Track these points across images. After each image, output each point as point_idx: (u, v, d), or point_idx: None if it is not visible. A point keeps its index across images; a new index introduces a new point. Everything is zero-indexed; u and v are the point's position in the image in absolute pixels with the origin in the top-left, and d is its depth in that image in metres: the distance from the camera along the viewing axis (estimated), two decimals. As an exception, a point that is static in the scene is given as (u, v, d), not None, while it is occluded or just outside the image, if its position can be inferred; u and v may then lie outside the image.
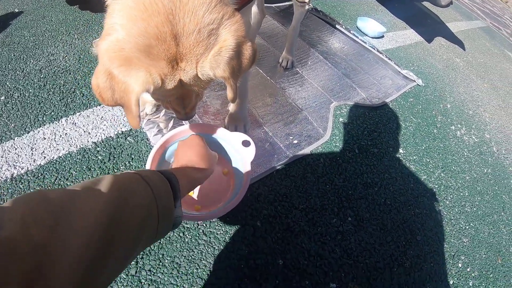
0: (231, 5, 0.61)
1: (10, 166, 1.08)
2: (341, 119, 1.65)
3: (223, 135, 1.05)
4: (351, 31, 2.44)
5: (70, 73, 1.44)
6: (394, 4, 3.46)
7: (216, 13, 0.57)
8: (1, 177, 1.05)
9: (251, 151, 1.01)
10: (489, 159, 1.99)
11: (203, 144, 0.84)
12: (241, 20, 0.61)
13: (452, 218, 1.50)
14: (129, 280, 0.91)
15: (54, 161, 1.11)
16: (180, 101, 0.72)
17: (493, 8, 6.59)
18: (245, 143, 1.02)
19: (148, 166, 0.93)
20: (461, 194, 1.64)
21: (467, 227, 1.51)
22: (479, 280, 1.35)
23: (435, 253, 1.33)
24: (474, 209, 1.62)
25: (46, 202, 0.39)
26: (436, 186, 1.59)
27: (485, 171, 1.88)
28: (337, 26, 2.44)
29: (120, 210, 0.45)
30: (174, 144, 1.02)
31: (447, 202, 1.55)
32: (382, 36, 2.68)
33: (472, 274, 1.36)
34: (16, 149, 1.13)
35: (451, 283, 1.28)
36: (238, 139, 1.03)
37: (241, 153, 1.02)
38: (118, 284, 0.89)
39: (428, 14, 3.84)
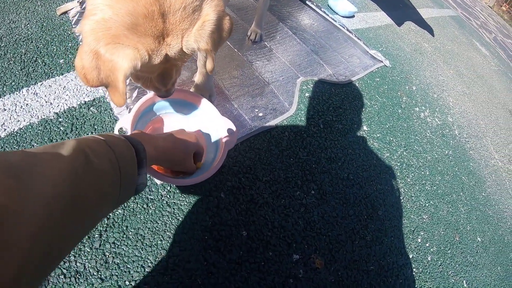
0: None
1: None
2: (307, 94, 1.71)
3: (212, 116, 1.13)
4: (322, 9, 2.51)
5: (32, 42, 1.39)
6: (367, -15, 3.58)
7: None
8: None
9: (232, 139, 1.07)
10: (451, 141, 2.15)
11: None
12: None
13: (412, 195, 1.63)
14: (93, 253, 0.92)
15: (15, 133, 1.09)
16: (161, 77, 0.77)
17: (464, -2, 6.96)
18: (229, 131, 1.08)
19: (130, 117, 0.95)
20: (422, 173, 1.78)
21: (427, 205, 1.64)
22: (437, 255, 1.49)
23: (395, 227, 1.44)
24: (434, 188, 1.76)
25: (6, 164, 0.40)
26: (398, 164, 1.70)
27: (446, 152, 2.04)
28: (308, 3, 2.50)
29: (82, 176, 0.46)
30: (161, 102, 1.08)
31: (408, 180, 1.68)
32: (353, 16, 2.78)
33: (431, 249, 1.49)
34: None
35: (410, 256, 1.40)
36: (224, 124, 1.09)
37: (219, 133, 1.09)
38: (82, 257, 0.90)
39: (400, -2, 4.01)
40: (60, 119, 1.17)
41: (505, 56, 4.90)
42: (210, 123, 1.14)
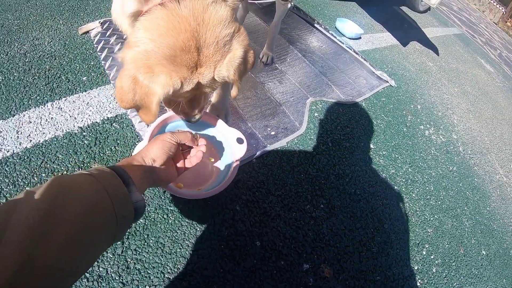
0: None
1: None
2: (316, 114, 1.80)
3: (221, 128, 1.20)
4: (330, 31, 2.61)
5: (55, 58, 1.49)
6: (373, 7, 3.69)
7: (229, 29, 0.73)
8: None
9: (243, 148, 1.15)
10: (455, 158, 2.20)
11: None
12: (245, 32, 0.78)
13: (417, 210, 1.68)
14: (116, 259, 1.00)
15: (40, 145, 1.18)
16: (190, 103, 0.87)
17: (470, 16, 7.03)
18: (239, 140, 1.16)
19: (146, 139, 1.04)
20: (427, 188, 1.83)
21: (432, 219, 1.69)
22: (442, 267, 1.53)
23: (401, 240, 1.49)
24: (439, 202, 1.81)
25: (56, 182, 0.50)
26: (403, 180, 1.76)
27: (451, 168, 2.09)
28: (316, 26, 2.60)
29: (57, 203, 0.49)
30: (175, 122, 1.15)
31: (413, 195, 1.73)
32: (360, 38, 2.88)
33: (436, 262, 1.53)
34: (1, 132, 1.18)
35: (415, 268, 1.45)
36: (233, 135, 1.17)
37: (232, 147, 1.17)
38: (105, 263, 0.98)
39: (406, 18, 4.10)
40: (84, 133, 1.26)
41: (510, 72, 4.92)
42: (221, 136, 1.22)
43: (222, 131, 1.20)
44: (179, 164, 0.92)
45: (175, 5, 0.67)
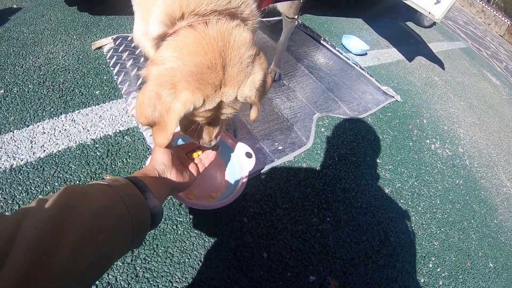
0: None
1: (10, 157, 1.19)
2: (322, 129, 1.84)
3: (229, 142, 1.25)
4: (336, 48, 2.67)
5: (69, 72, 1.56)
6: (379, 23, 3.75)
7: (251, 50, 0.75)
8: (0, 167, 1.15)
9: (251, 162, 1.19)
10: (462, 171, 2.21)
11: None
12: (264, 56, 0.81)
13: (424, 223, 1.69)
14: (125, 267, 1.03)
15: (54, 155, 1.23)
16: (208, 127, 0.86)
17: (475, 30, 7.05)
18: (248, 154, 1.20)
19: None
20: (433, 202, 1.84)
21: (438, 232, 1.70)
22: (448, 280, 1.53)
23: (407, 253, 1.51)
24: (445, 216, 1.81)
25: (68, 191, 0.53)
26: (409, 194, 1.78)
27: (457, 182, 2.09)
28: (323, 42, 2.66)
29: (67, 211, 0.50)
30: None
31: (420, 208, 1.75)
32: (366, 54, 2.93)
33: (442, 274, 1.54)
34: (15, 141, 1.24)
35: (422, 281, 1.46)
36: (242, 149, 1.22)
37: (241, 161, 1.21)
38: (114, 271, 1.02)
39: (411, 34, 4.15)
40: (97, 145, 1.31)
41: (517, 85, 4.92)
42: (230, 150, 1.26)
43: (230, 145, 1.25)
44: (191, 168, 0.96)
45: (203, 27, 0.70)
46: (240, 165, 1.22)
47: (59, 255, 0.45)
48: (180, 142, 1.18)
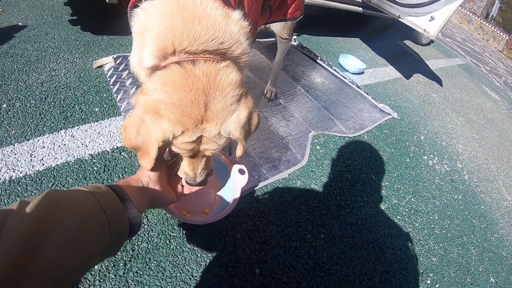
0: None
1: (9, 169, 1.21)
2: (318, 147, 1.85)
3: (223, 160, 1.27)
4: (333, 67, 2.71)
5: (70, 89, 1.60)
6: (376, 42, 3.81)
7: (237, 91, 0.79)
8: (0, 179, 1.18)
9: (244, 179, 1.21)
10: (460, 186, 2.19)
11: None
12: (251, 97, 0.84)
13: (421, 239, 1.67)
14: (117, 280, 1.04)
15: (52, 169, 1.25)
16: (190, 162, 0.88)
17: (473, 46, 7.10)
18: (241, 171, 1.22)
19: None
20: (431, 217, 1.83)
21: (436, 248, 1.68)
22: (448, 296, 1.51)
23: (404, 269, 1.49)
24: (444, 231, 1.79)
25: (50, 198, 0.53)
26: (406, 210, 1.77)
27: (456, 197, 2.08)
28: (320, 62, 2.71)
29: (48, 216, 0.51)
30: None
31: (417, 225, 1.73)
32: (363, 72, 2.97)
33: (441, 291, 1.51)
34: (15, 154, 1.27)
35: (419, 298, 1.43)
36: (235, 166, 1.23)
37: (234, 178, 1.23)
38: (107, 283, 1.02)
39: (409, 52, 4.20)
40: (94, 160, 1.34)
41: (517, 99, 4.91)
42: (223, 167, 1.28)
43: (223, 162, 1.27)
44: (179, 186, 0.98)
45: (191, 66, 0.73)
46: (233, 182, 1.24)
47: (42, 256, 0.46)
48: None
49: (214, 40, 0.77)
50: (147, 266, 1.09)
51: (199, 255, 1.17)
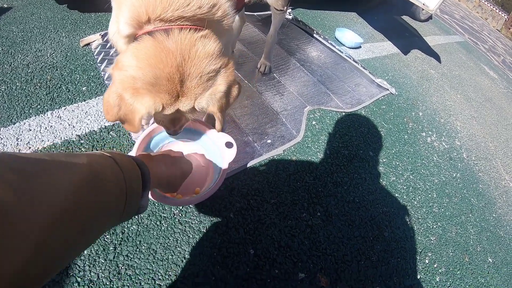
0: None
1: None
2: (314, 123, 1.78)
3: (208, 134, 1.19)
4: (329, 41, 2.62)
5: (57, 69, 1.53)
6: (373, 17, 3.70)
7: (215, 65, 0.77)
8: None
9: (232, 152, 1.14)
10: (459, 164, 2.16)
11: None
12: (232, 67, 0.82)
13: (419, 217, 1.64)
14: (107, 264, 0.99)
15: (39, 152, 1.19)
16: (171, 122, 0.92)
17: (472, 24, 7.01)
18: (228, 144, 1.15)
19: (133, 152, 1.04)
20: (429, 195, 1.79)
21: (435, 227, 1.65)
22: (446, 276, 1.48)
23: (402, 249, 1.45)
24: (442, 210, 1.76)
25: (16, 164, 0.41)
26: (404, 187, 1.73)
27: (454, 175, 2.04)
28: (316, 36, 2.61)
29: (89, 190, 0.48)
30: (161, 133, 1.15)
31: (415, 203, 1.69)
32: (360, 47, 2.88)
33: (439, 270, 1.49)
34: (1, 139, 1.21)
35: (418, 277, 1.40)
36: (222, 140, 1.16)
37: (222, 152, 1.15)
38: (97, 268, 0.97)
39: (407, 27, 4.10)
40: (82, 141, 1.28)
41: (515, 79, 4.87)
42: (210, 142, 1.21)
43: (211, 136, 1.19)
44: None
45: (164, 37, 0.71)
46: (221, 157, 1.17)
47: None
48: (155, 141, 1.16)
49: (190, 5, 0.74)
50: (137, 249, 1.05)
51: (191, 236, 1.13)
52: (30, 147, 1.20)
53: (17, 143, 1.21)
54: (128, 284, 0.97)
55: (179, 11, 0.73)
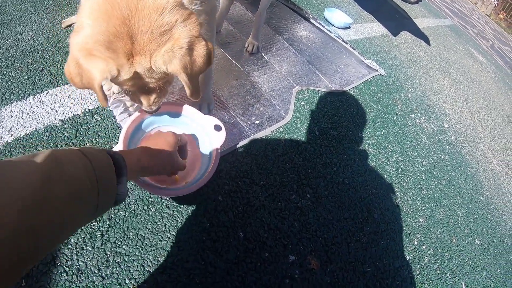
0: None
1: None
2: (303, 103, 1.77)
3: (196, 118, 1.17)
4: (318, 21, 2.58)
5: (38, 52, 1.47)
6: (363, -3, 3.68)
7: (169, 17, 0.70)
8: None
9: (221, 136, 1.12)
10: (447, 147, 2.19)
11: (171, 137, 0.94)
12: (195, 21, 0.74)
13: (408, 199, 1.66)
14: (95, 252, 0.97)
15: (21, 139, 1.15)
16: (143, 94, 0.86)
17: (461, 8, 7.06)
18: (217, 127, 1.12)
19: (120, 142, 1.02)
20: (418, 177, 1.81)
21: (423, 208, 1.67)
22: (434, 257, 1.52)
23: (391, 230, 1.47)
24: (431, 191, 1.79)
25: None
26: (393, 169, 1.74)
27: (443, 157, 2.07)
28: (305, 15, 2.57)
29: (54, 180, 0.47)
30: (147, 119, 1.13)
31: (404, 184, 1.71)
32: (349, 27, 2.85)
33: (428, 252, 1.51)
34: None
35: (407, 259, 1.43)
36: (210, 123, 1.13)
37: (211, 136, 1.13)
38: (84, 256, 0.95)
39: (396, 9, 4.09)
40: (65, 126, 1.23)
41: (502, 63, 4.95)
42: (197, 125, 1.19)
43: (198, 120, 1.16)
44: None
45: None
46: (209, 140, 1.15)
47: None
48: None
49: None
50: (125, 236, 1.02)
51: (179, 221, 1.11)
52: (12, 134, 1.15)
53: (-1, 131, 1.16)
54: (117, 272, 0.95)
55: None
